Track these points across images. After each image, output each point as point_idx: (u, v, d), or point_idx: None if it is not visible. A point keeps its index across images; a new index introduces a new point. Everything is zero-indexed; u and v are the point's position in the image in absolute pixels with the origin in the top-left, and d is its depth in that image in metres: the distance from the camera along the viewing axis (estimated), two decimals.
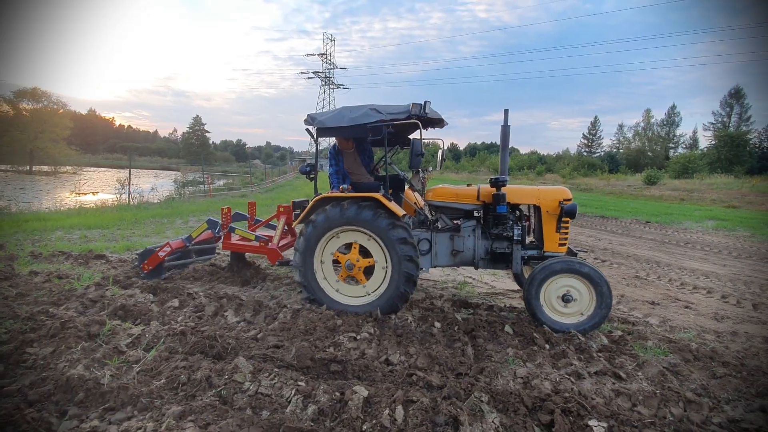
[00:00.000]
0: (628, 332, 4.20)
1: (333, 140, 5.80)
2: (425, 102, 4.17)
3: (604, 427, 2.54)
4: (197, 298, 4.70)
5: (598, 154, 65.27)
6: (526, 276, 5.13)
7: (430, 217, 4.91)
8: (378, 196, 4.23)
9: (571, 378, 3.15)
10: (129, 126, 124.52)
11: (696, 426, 2.67)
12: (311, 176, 5.09)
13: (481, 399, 2.74)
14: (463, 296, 5.36)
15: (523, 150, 73.41)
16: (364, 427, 2.54)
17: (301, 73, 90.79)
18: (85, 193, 21.20)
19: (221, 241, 5.79)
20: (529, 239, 4.88)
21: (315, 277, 4.46)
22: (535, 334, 3.82)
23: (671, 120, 61.77)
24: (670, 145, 61.22)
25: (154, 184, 20.76)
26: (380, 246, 4.27)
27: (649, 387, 3.07)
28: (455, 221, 4.79)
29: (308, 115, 4.59)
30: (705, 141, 57.92)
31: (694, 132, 62.97)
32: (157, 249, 5.40)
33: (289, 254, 5.41)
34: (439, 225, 4.79)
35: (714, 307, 5.34)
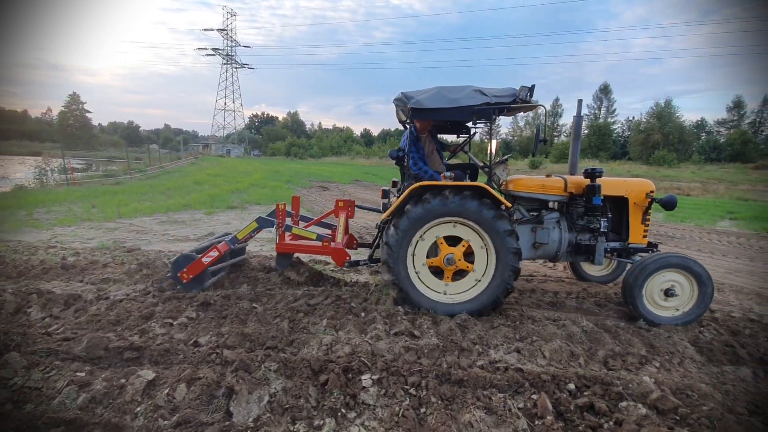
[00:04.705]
0: None
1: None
2: (533, 86, 3.95)
3: (374, 379, 2.85)
4: (2, 295, 4.18)
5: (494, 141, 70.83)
6: (584, 269, 5.51)
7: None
8: (484, 185, 3.97)
9: (371, 341, 3.45)
10: None
11: (461, 369, 3.10)
12: (404, 163, 4.49)
13: (269, 368, 2.87)
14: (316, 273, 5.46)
15: None
16: (138, 409, 2.52)
17: (199, 49, 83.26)
18: None
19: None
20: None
21: (420, 293, 4.08)
22: (352, 304, 4.09)
23: (555, 111, 69.35)
24: (555, 133, 68.79)
25: (5, 173, 17.71)
26: (482, 239, 4.00)
27: (436, 341, 3.49)
28: (531, 213, 4.71)
29: (402, 93, 4.14)
30: (582, 130, 66.16)
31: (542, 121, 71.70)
32: (200, 255, 4.57)
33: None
34: (515, 217, 4.60)
35: (530, 269, 6.21)
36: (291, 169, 31.85)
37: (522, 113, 4.76)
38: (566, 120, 69.36)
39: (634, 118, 62.57)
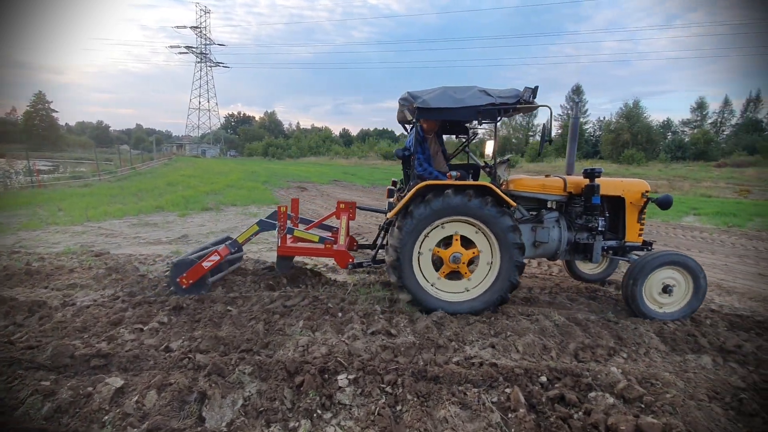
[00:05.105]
0: None
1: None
2: (536, 87, 4.01)
3: (350, 378, 2.85)
4: None
5: (473, 142, 71.88)
6: (579, 267, 5.52)
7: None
8: (489, 185, 4.03)
9: (347, 341, 3.44)
10: None
11: (437, 366, 3.14)
12: (411, 163, 4.47)
13: (243, 371, 2.84)
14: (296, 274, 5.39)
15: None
16: (106, 417, 2.45)
17: (171, 47, 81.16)
18: None
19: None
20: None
21: (412, 271, 4.11)
22: (329, 305, 4.08)
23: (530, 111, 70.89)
24: (530, 133, 70.23)
25: None
26: (487, 237, 4.09)
27: (413, 339, 3.52)
28: (531, 212, 4.77)
29: (408, 92, 4.15)
30: (555, 130, 67.91)
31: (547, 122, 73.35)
32: (200, 259, 4.44)
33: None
34: (516, 216, 4.59)
35: None
36: (268, 170, 31.41)
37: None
38: (540, 120, 70.77)
39: (604, 118, 64.45)
